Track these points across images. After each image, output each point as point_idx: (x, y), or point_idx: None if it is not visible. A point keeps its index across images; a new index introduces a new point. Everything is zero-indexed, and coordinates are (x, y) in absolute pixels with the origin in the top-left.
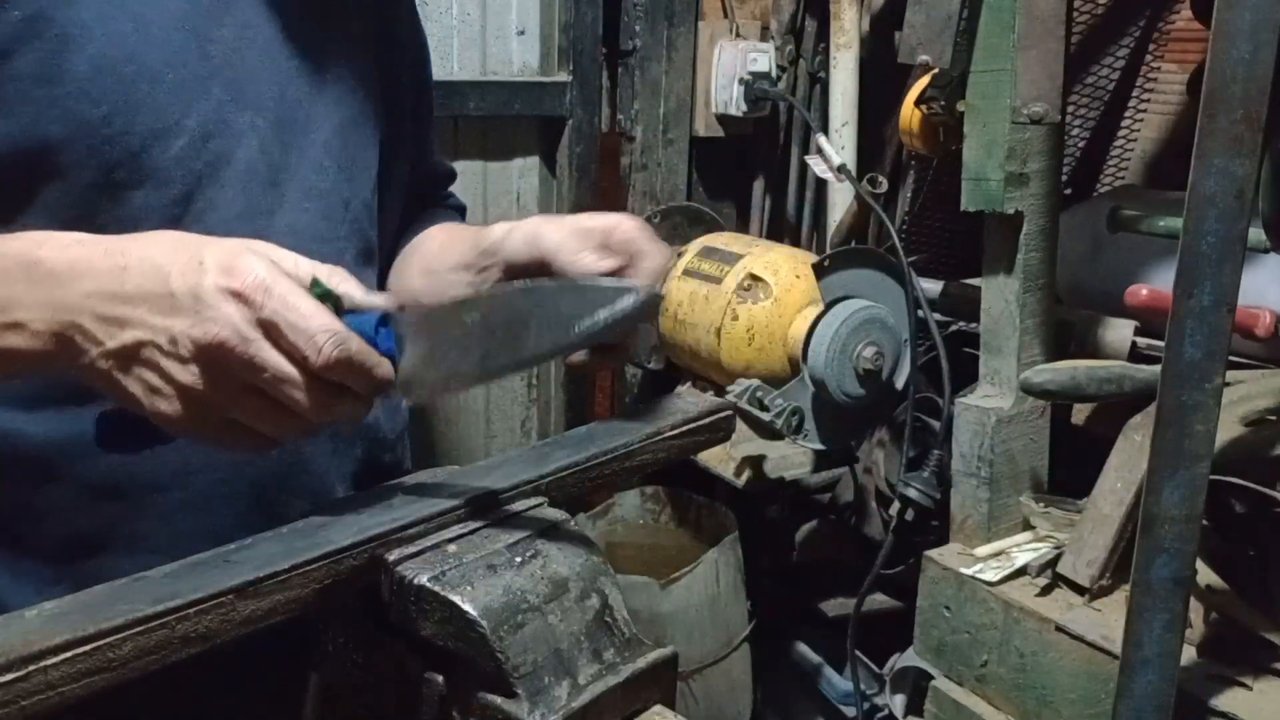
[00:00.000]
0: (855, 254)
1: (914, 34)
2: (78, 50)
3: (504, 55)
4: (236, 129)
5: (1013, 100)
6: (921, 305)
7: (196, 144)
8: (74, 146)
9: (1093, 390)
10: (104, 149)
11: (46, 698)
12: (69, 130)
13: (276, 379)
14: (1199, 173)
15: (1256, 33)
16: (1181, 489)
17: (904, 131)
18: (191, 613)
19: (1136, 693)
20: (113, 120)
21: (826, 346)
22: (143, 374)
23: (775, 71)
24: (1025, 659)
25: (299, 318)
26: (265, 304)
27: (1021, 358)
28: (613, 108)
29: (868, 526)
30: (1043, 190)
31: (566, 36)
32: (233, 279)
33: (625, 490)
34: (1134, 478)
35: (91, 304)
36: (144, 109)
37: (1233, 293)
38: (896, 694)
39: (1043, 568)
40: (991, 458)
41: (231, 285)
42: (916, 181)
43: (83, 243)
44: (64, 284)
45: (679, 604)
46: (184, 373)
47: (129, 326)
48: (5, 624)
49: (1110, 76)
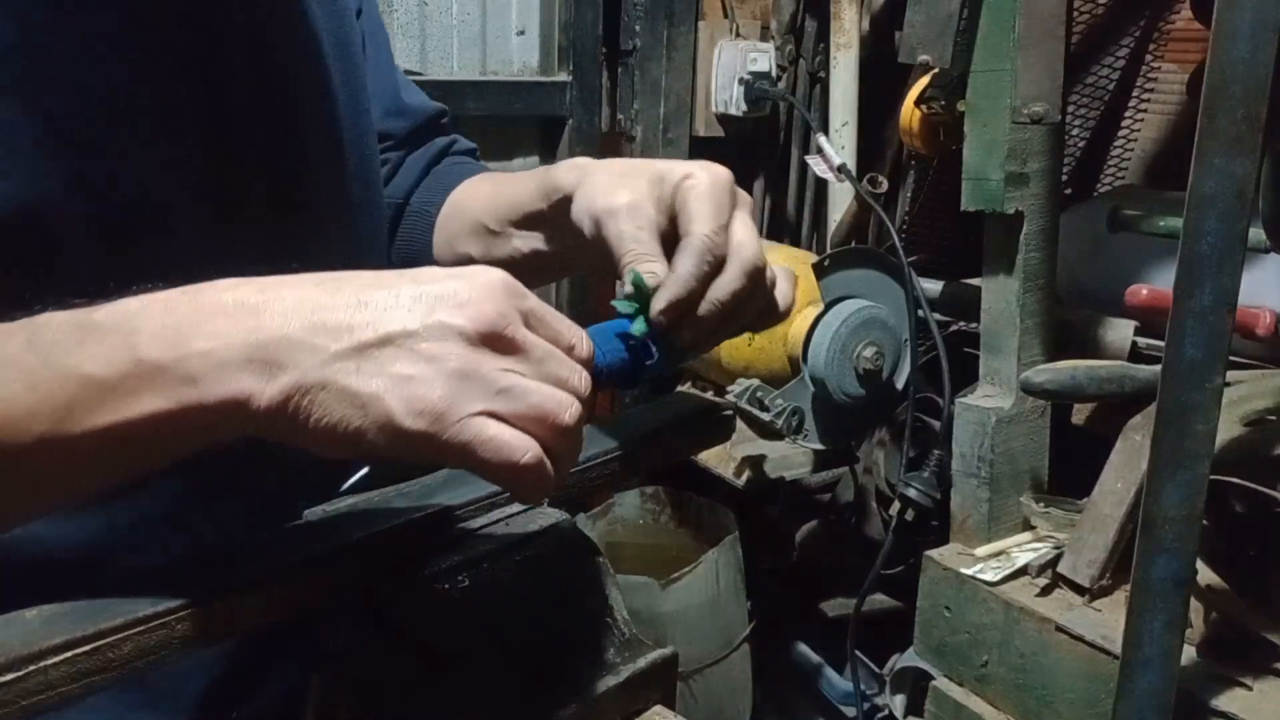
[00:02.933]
0: (855, 254)
1: (914, 34)
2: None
3: (504, 55)
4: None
5: (1013, 100)
6: (921, 305)
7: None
8: (73, 200)
9: (1093, 390)
10: (107, 197)
11: (46, 698)
12: (68, 186)
13: (547, 353)
14: (1199, 173)
15: (1256, 33)
16: (1181, 489)
17: (904, 131)
18: (192, 613)
19: (1136, 693)
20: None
21: (826, 346)
22: (391, 365)
23: (775, 71)
24: (1025, 659)
25: (553, 316)
26: (523, 300)
27: (1021, 358)
28: (613, 108)
29: (868, 526)
30: (1043, 190)
31: (566, 36)
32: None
33: (625, 490)
34: (1134, 478)
35: (302, 316)
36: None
37: (1233, 293)
38: (896, 694)
39: (1043, 568)
40: (991, 458)
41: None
42: (916, 181)
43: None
44: (259, 312)
45: (679, 604)
46: (446, 349)
47: (358, 330)
48: (5, 624)
49: (1110, 76)
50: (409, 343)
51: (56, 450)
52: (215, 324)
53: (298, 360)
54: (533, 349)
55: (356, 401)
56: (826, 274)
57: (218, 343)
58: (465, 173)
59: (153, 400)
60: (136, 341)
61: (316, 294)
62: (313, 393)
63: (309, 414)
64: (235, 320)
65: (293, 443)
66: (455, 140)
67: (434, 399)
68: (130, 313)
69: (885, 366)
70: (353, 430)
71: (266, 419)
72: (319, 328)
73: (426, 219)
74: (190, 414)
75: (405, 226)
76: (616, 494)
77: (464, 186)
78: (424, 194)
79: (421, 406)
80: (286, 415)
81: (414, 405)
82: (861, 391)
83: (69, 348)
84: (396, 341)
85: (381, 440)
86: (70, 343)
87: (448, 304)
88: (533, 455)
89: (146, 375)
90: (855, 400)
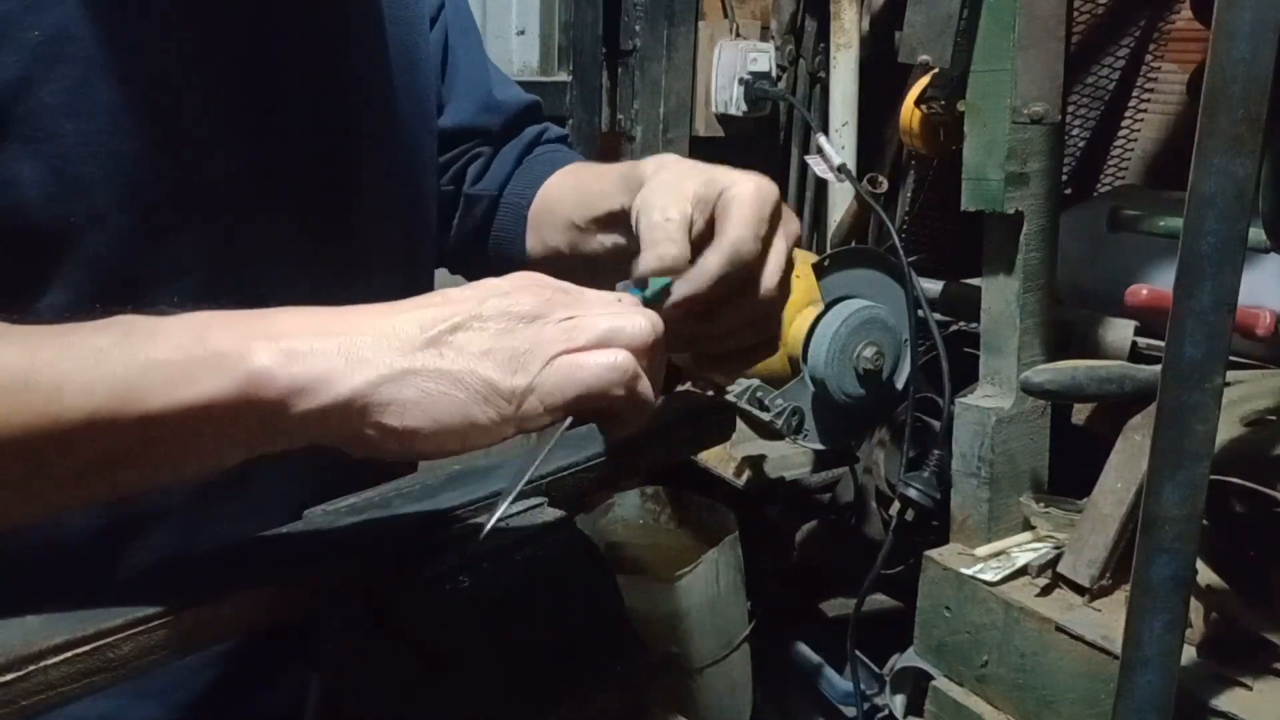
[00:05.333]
0: (855, 254)
1: (914, 34)
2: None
3: (504, 55)
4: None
5: (1013, 100)
6: (921, 305)
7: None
8: (109, 185)
9: (1093, 390)
10: (141, 186)
11: (46, 698)
12: (103, 168)
13: (601, 298)
14: (1199, 173)
15: (1256, 33)
16: (1181, 489)
17: (904, 131)
18: (191, 612)
19: (1136, 693)
20: (151, 153)
21: (826, 346)
22: (470, 345)
23: (775, 71)
24: (1025, 659)
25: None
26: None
27: (1021, 358)
28: (613, 108)
29: (868, 526)
30: (1043, 190)
31: (566, 36)
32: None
33: (625, 490)
34: (1134, 478)
35: (372, 323)
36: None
37: (1233, 293)
38: (896, 694)
39: (1043, 568)
40: (991, 458)
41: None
42: (916, 181)
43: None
44: (333, 318)
45: (679, 604)
46: (510, 320)
47: (428, 327)
48: (5, 624)
49: (1110, 76)
50: (477, 324)
51: (111, 430)
52: (286, 318)
53: (379, 353)
54: (589, 299)
55: (452, 379)
56: (826, 274)
57: (288, 335)
58: (557, 162)
59: (212, 385)
60: (205, 333)
61: (378, 308)
62: (404, 379)
63: (404, 400)
64: (307, 316)
65: (370, 441)
66: (547, 128)
67: (522, 353)
68: (204, 315)
69: (885, 366)
70: (457, 409)
71: (344, 412)
72: (391, 330)
73: (519, 211)
74: (252, 405)
75: (499, 220)
76: (616, 494)
77: (554, 179)
78: (516, 185)
79: (515, 365)
80: (374, 405)
81: (508, 365)
82: (861, 391)
83: (140, 336)
84: (466, 325)
85: (486, 413)
86: (142, 332)
87: (496, 291)
88: (623, 363)
89: (211, 360)
90: (855, 400)
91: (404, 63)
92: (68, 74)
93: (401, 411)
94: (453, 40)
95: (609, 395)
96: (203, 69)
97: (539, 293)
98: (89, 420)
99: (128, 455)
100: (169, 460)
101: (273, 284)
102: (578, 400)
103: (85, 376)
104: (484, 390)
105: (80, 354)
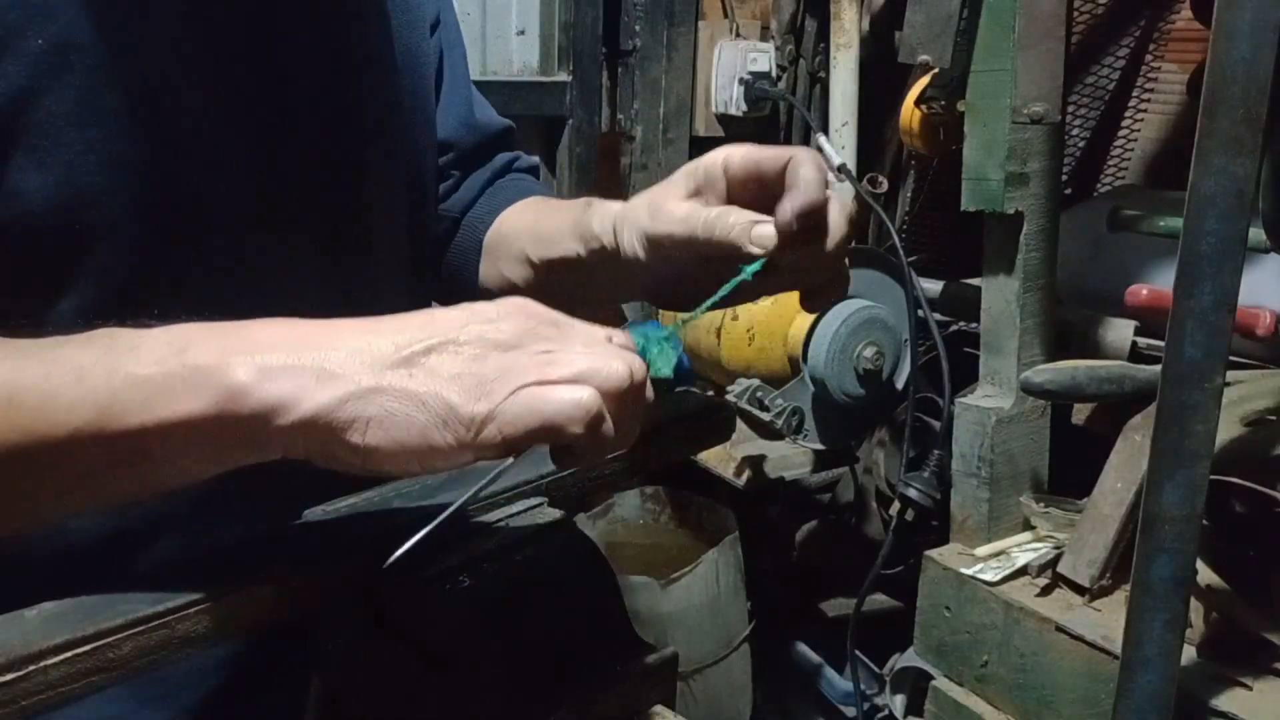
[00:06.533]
0: (855, 254)
1: (914, 34)
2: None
3: (504, 55)
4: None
5: (1013, 100)
6: (921, 305)
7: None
8: (117, 193)
9: (1093, 390)
10: (149, 193)
11: (46, 698)
12: (110, 176)
13: (588, 333)
14: (1199, 173)
15: (1256, 33)
16: (1181, 489)
17: (904, 131)
18: (191, 612)
19: (1136, 693)
20: (158, 161)
21: (826, 346)
22: (441, 368)
23: (775, 71)
24: (1025, 659)
25: (583, 322)
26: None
27: (1021, 358)
28: (613, 108)
29: (868, 526)
30: (1043, 190)
31: (566, 36)
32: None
33: (625, 490)
34: (1134, 478)
35: (350, 337)
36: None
37: (1233, 293)
38: (896, 694)
39: (1043, 568)
40: (991, 458)
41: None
42: (916, 181)
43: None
44: (310, 330)
45: (679, 604)
46: (487, 347)
47: (404, 346)
48: (5, 624)
49: (1110, 76)
50: (452, 347)
51: (93, 446)
52: (265, 332)
53: (349, 370)
54: (574, 333)
55: (416, 400)
56: None
57: (265, 349)
58: (521, 192)
59: (190, 401)
60: (185, 347)
61: (360, 324)
62: (368, 397)
63: (366, 417)
64: (286, 329)
65: (337, 457)
66: (517, 157)
67: (490, 380)
68: (186, 328)
69: (885, 366)
70: (416, 430)
71: (310, 429)
72: (366, 347)
73: (475, 235)
74: (228, 421)
75: (457, 242)
76: (616, 494)
77: (512, 211)
78: (478, 211)
79: (480, 391)
80: (339, 422)
81: (473, 391)
82: (861, 391)
83: (121, 351)
84: (441, 349)
85: (444, 437)
86: (124, 347)
87: (480, 317)
88: (588, 402)
89: (189, 377)
90: (855, 400)
91: (409, 66)
92: (73, 82)
93: (364, 429)
94: (444, 52)
95: (567, 432)
96: (207, 74)
97: (524, 323)
98: (72, 437)
99: (111, 470)
100: (153, 474)
101: (283, 290)
102: (537, 432)
103: (69, 394)
104: (444, 413)
105: (64, 371)
